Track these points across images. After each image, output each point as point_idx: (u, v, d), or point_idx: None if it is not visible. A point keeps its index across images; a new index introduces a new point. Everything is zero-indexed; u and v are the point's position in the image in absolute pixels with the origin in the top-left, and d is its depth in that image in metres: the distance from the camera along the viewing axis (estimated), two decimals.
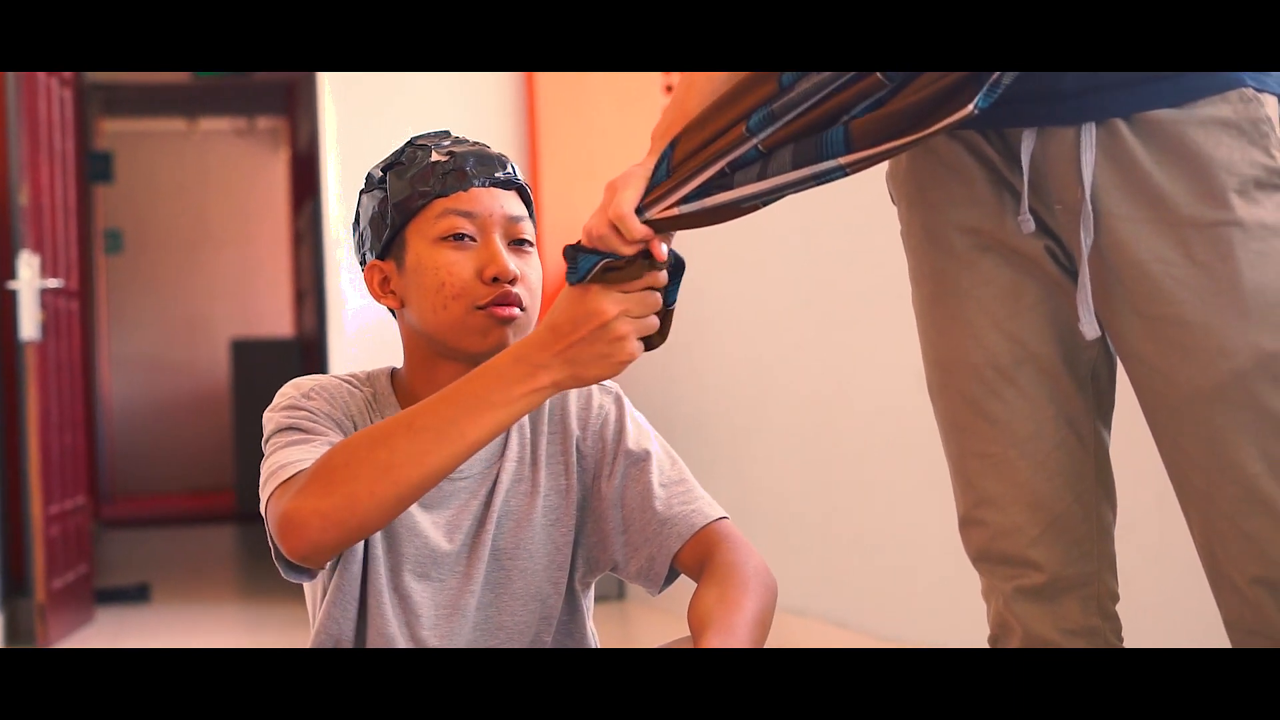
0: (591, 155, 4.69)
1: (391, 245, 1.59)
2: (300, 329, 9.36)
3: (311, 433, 1.51)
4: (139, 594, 5.54)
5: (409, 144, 1.62)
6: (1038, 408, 1.45)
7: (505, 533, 1.59)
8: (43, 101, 4.84)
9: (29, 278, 4.52)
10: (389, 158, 1.62)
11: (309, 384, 1.58)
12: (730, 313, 4.03)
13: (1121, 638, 1.50)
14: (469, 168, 1.57)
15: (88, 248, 8.29)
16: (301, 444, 1.49)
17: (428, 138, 1.62)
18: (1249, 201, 1.32)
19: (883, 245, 1.81)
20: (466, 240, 1.55)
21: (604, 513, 1.60)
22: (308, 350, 8.40)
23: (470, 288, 1.54)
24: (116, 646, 4.38)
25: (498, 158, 1.60)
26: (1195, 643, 2.11)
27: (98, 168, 8.97)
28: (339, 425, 1.54)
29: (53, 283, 4.65)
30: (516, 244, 1.58)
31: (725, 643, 1.37)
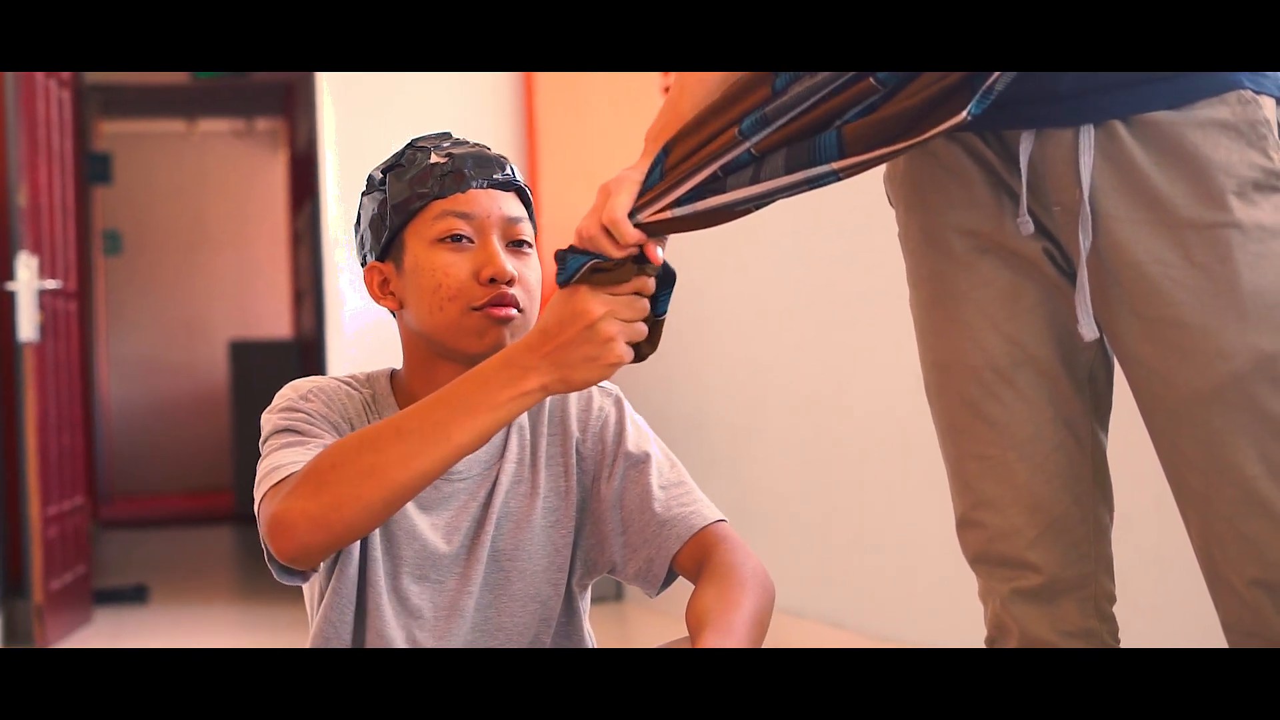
0: (590, 156, 4.69)
1: (390, 247, 1.59)
2: (299, 330, 9.36)
3: (307, 435, 1.51)
4: (137, 595, 5.54)
5: (409, 146, 1.62)
6: (1036, 410, 1.45)
7: (504, 534, 1.59)
8: (41, 102, 4.83)
9: (27, 279, 4.52)
10: (389, 159, 1.62)
11: (307, 386, 1.58)
12: (729, 314, 4.03)
13: (1118, 639, 1.50)
14: (467, 169, 1.57)
15: (86, 249, 8.28)
16: (296, 446, 1.49)
17: (428, 139, 1.62)
18: (1247, 203, 1.32)
19: (881, 247, 1.81)
20: (464, 242, 1.55)
21: (603, 514, 1.60)
22: (306, 351, 8.40)
23: (466, 289, 1.54)
24: (114, 648, 4.37)
25: (497, 159, 1.60)
26: (1193, 644, 2.12)
27: (96, 169, 8.96)
28: (335, 428, 1.54)
29: (51, 284, 4.64)
30: (515, 245, 1.58)
31: (723, 641, 1.37)
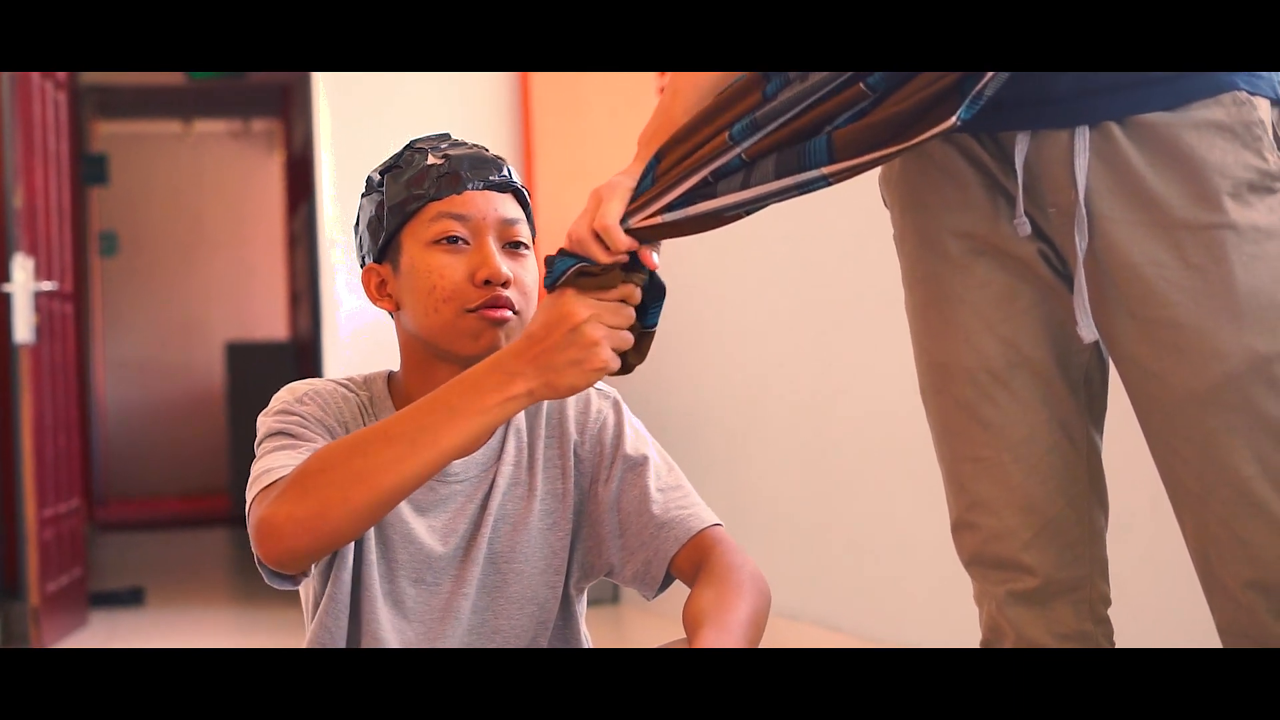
0: (585, 157, 4.68)
1: (387, 248, 1.59)
2: (295, 332, 9.35)
3: (301, 439, 1.51)
4: (133, 597, 5.53)
5: (407, 147, 1.62)
6: (1031, 411, 1.45)
7: (501, 536, 1.59)
8: (37, 104, 4.83)
9: (23, 280, 4.52)
10: (387, 161, 1.62)
11: (303, 389, 1.57)
12: (725, 317, 4.03)
13: (1113, 641, 1.50)
14: (463, 171, 1.57)
15: (82, 250, 8.28)
16: (289, 449, 1.49)
17: (426, 140, 1.62)
18: (1242, 204, 1.32)
19: (877, 250, 1.81)
20: (460, 243, 1.55)
21: (600, 517, 1.60)
22: (302, 353, 8.40)
23: (461, 290, 1.54)
24: (110, 648, 4.36)
25: (494, 160, 1.60)
26: (1188, 647, 2.11)
27: (93, 170, 8.95)
28: (330, 431, 1.54)
29: (47, 285, 4.64)
30: (512, 247, 1.57)
31: (720, 638, 1.37)
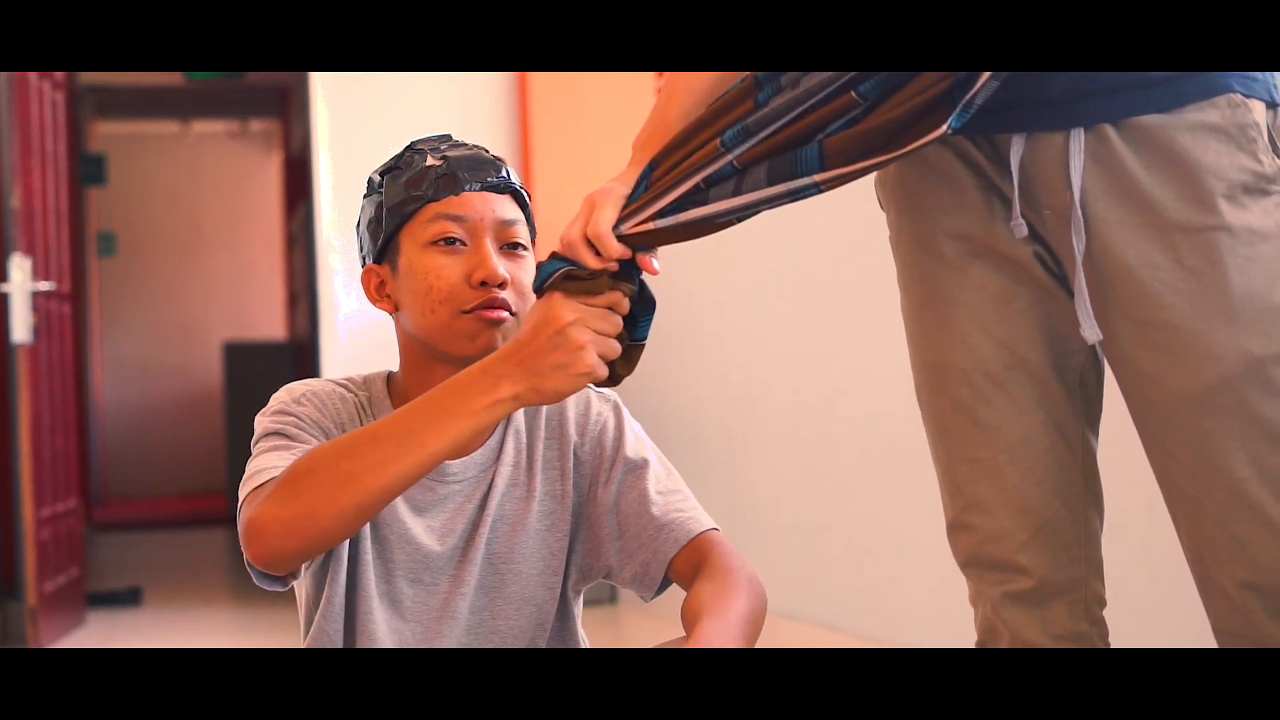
0: (583, 159, 4.69)
1: (386, 250, 1.60)
2: (293, 332, 9.35)
3: (295, 439, 1.51)
4: (130, 597, 5.53)
5: (407, 148, 1.62)
6: (1027, 413, 1.45)
7: (499, 537, 1.59)
8: (35, 104, 4.83)
9: (20, 280, 4.52)
10: (388, 162, 1.62)
11: (301, 389, 1.58)
12: (723, 319, 4.03)
13: (1108, 642, 1.50)
14: (461, 172, 1.57)
15: (80, 250, 8.27)
16: (282, 450, 1.49)
17: (426, 142, 1.62)
18: (1237, 206, 1.32)
19: (875, 252, 1.81)
20: (457, 245, 1.55)
21: (599, 519, 1.60)
22: (300, 353, 8.39)
23: (457, 292, 1.54)
24: (107, 648, 4.36)
25: (492, 161, 1.60)
26: (1184, 647, 2.11)
27: (91, 170, 8.94)
28: (326, 432, 1.54)
29: (44, 285, 4.64)
30: (510, 248, 1.58)
31: (719, 630, 1.37)
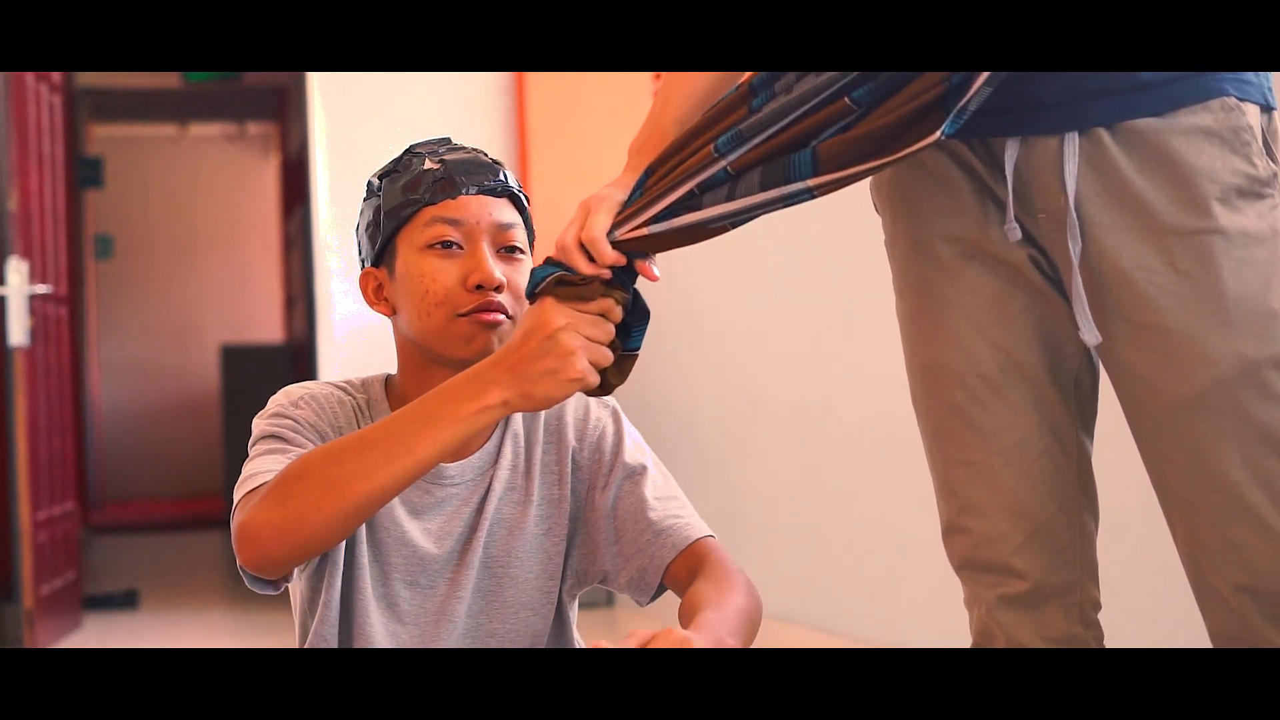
0: (581, 161, 4.68)
1: (384, 253, 1.60)
2: (290, 335, 9.35)
3: (291, 443, 1.51)
4: (127, 600, 5.53)
5: (406, 151, 1.62)
6: (1022, 416, 1.45)
7: (497, 540, 1.59)
8: (32, 107, 4.83)
9: (17, 283, 4.52)
10: (386, 165, 1.62)
11: (299, 392, 1.58)
12: (721, 321, 4.03)
13: (1103, 645, 1.50)
14: (458, 176, 1.57)
15: (78, 253, 8.27)
16: (276, 454, 1.49)
17: (424, 145, 1.62)
18: (1231, 209, 1.33)
19: (872, 255, 1.81)
20: (454, 248, 1.55)
21: (596, 524, 1.60)
22: (298, 356, 8.39)
23: (453, 295, 1.54)
24: (102, 648, 4.36)
25: (490, 165, 1.60)
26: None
27: (88, 173, 8.94)
28: (323, 436, 1.54)
29: (41, 288, 4.64)
30: (508, 251, 1.58)
31: (717, 620, 1.37)
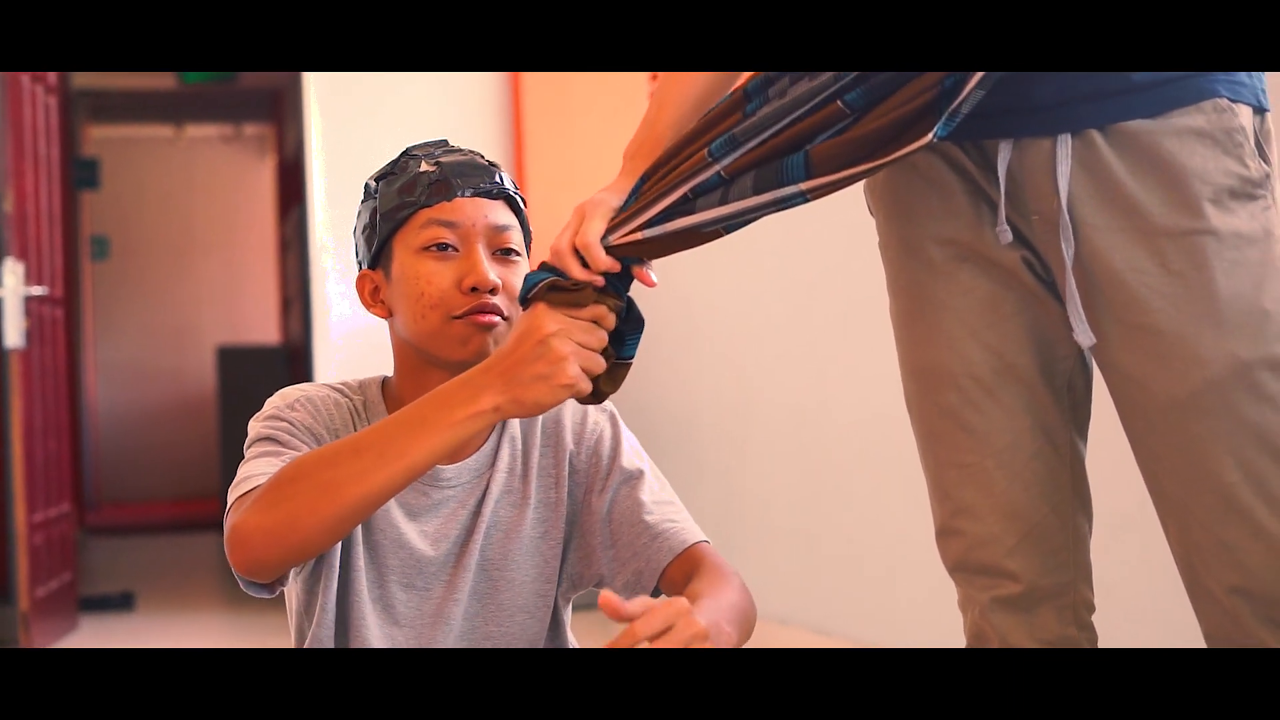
0: (577, 162, 4.68)
1: (380, 255, 1.60)
2: (287, 336, 9.34)
3: (286, 446, 1.51)
4: (123, 602, 5.52)
5: (403, 154, 1.62)
6: (1015, 418, 1.45)
7: (493, 543, 1.59)
8: (28, 108, 4.82)
9: (13, 285, 4.51)
10: (383, 168, 1.62)
11: (295, 394, 1.58)
12: (717, 324, 4.03)
13: (1097, 647, 1.50)
14: (454, 178, 1.57)
15: (74, 254, 8.26)
16: (271, 456, 1.49)
17: (421, 148, 1.62)
18: (1223, 210, 1.33)
19: (868, 258, 1.82)
20: (449, 250, 1.55)
21: (592, 527, 1.60)
22: (294, 357, 8.39)
23: (448, 297, 1.54)
24: (97, 648, 4.35)
25: (486, 167, 1.60)
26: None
27: (84, 174, 8.93)
28: (318, 439, 1.54)
29: (37, 290, 4.63)
30: (504, 253, 1.57)
31: (715, 607, 1.36)
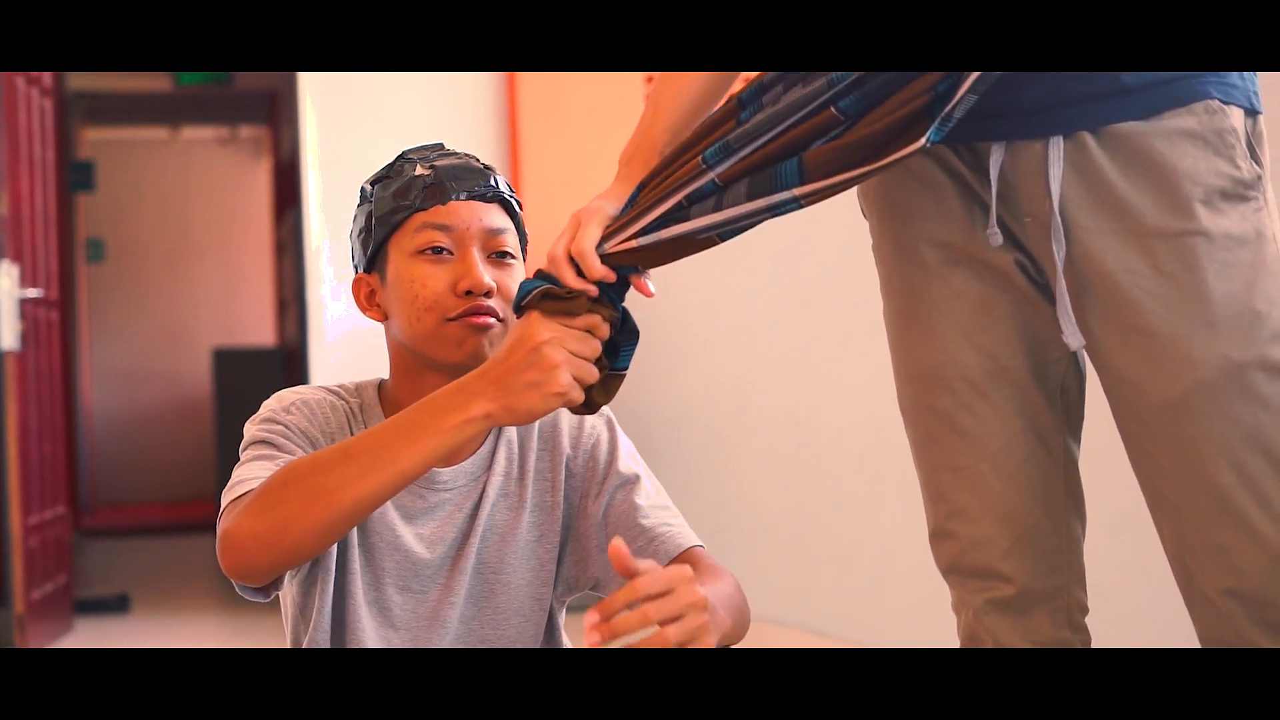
0: (573, 165, 4.69)
1: (376, 259, 1.60)
2: (283, 338, 9.34)
3: (281, 449, 1.51)
4: (119, 604, 5.52)
5: (399, 157, 1.62)
6: (1008, 421, 1.45)
7: (490, 546, 1.59)
8: (23, 111, 4.82)
9: (8, 287, 4.51)
10: (379, 171, 1.62)
11: (291, 397, 1.58)
12: (710, 327, 4.03)
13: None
14: (448, 181, 1.57)
15: (69, 257, 8.26)
16: (264, 460, 1.49)
17: (417, 151, 1.62)
18: (1214, 212, 1.33)
19: (861, 262, 1.82)
20: (444, 254, 1.55)
21: (588, 531, 1.60)
22: (290, 360, 8.38)
23: (442, 300, 1.54)
24: (92, 648, 4.35)
25: (481, 170, 1.60)
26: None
27: (79, 177, 8.93)
28: (313, 442, 1.54)
29: (32, 292, 4.63)
30: (499, 256, 1.57)
31: (711, 593, 1.34)
